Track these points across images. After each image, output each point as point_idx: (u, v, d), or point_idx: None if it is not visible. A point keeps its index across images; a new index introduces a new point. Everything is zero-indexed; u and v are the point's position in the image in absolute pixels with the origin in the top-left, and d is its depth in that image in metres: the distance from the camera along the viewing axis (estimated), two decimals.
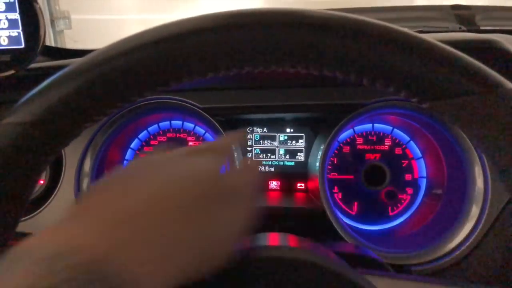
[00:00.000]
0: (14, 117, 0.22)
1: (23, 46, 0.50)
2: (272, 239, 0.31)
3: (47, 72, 0.21)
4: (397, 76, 0.21)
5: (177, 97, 0.63)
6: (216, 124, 0.62)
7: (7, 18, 0.50)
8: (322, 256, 0.25)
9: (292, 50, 0.21)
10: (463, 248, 0.56)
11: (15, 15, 0.50)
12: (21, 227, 0.23)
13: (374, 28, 0.21)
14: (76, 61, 0.23)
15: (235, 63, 0.22)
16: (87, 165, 0.62)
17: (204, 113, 0.63)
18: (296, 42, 0.21)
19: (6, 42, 0.50)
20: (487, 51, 0.51)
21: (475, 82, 0.21)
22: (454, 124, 0.22)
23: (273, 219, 0.64)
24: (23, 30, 0.50)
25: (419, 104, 0.23)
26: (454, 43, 0.22)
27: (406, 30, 0.22)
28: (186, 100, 0.63)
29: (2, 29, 0.50)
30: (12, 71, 0.51)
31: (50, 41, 1.09)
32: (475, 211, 0.57)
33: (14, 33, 0.50)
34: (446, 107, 0.22)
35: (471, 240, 0.56)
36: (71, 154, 0.61)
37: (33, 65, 0.54)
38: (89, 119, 0.23)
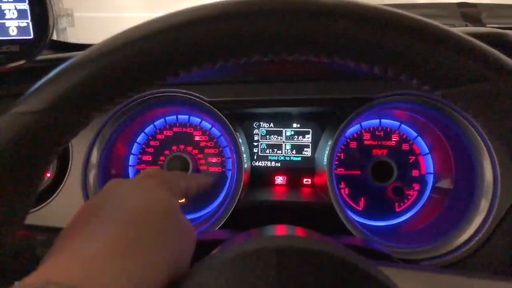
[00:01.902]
0: (23, 106, 0.22)
1: (32, 36, 0.50)
2: (279, 230, 0.31)
3: (54, 64, 0.21)
4: (410, 63, 0.21)
5: (183, 90, 0.63)
6: (223, 117, 0.62)
7: (16, 8, 0.49)
8: (332, 246, 0.24)
9: (301, 36, 0.21)
10: (472, 243, 0.56)
11: (24, 5, 0.49)
12: (28, 219, 0.22)
13: (386, 14, 0.21)
14: (84, 52, 0.22)
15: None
16: (94, 158, 0.62)
17: (211, 106, 0.62)
18: (308, 29, 0.21)
19: (15, 33, 0.50)
20: (496, 44, 0.50)
21: (490, 68, 0.20)
22: (467, 112, 0.22)
23: (279, 214, 0.64)
24: (32, 20, 0.50)
25: (431, 91, 0.22)
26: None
27: (419, 17, 0.21)
28: (192, 93, 0.63)
29: (11, 19, 0.49)
30: (21, 62, 0.50)
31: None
32: (484, 205, 0.56)
33: (23, 23, 0.50)
34: (459, 94, 0.21)
35: (480, 235, 0.56)
36: (78, 147, 0.61)
37: (39, 57, 0.53)
38: (98, 108, 0.23)
